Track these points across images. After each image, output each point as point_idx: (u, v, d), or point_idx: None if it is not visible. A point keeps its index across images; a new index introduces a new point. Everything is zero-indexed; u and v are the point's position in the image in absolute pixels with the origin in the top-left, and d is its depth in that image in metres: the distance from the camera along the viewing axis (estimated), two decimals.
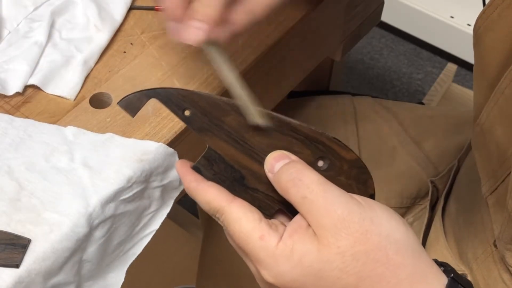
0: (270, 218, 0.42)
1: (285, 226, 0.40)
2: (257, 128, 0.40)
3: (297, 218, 0.39)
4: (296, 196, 0.38)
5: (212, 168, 0.41)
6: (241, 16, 0.44)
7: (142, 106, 0.40)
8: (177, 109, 0.40)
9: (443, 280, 0.38)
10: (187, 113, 0.40)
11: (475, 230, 0.60)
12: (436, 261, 0.40)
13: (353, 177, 0.41)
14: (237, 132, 0.41)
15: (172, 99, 0.40)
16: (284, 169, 0.39)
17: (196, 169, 0.41)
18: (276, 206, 0.42)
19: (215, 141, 0.41)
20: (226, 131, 0.41)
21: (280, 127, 0.41)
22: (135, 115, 0.40)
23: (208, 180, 0.41)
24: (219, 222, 0.41)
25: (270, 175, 0.41)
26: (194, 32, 0.42)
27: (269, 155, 0.41)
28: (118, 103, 0.40)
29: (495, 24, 0.47)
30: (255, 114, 0.40)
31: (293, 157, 0.40)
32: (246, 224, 0.39)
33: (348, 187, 0.41)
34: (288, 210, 0.41)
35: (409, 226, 0.39)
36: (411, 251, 0.38)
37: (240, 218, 0.39)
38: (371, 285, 0.37)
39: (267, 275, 0.38)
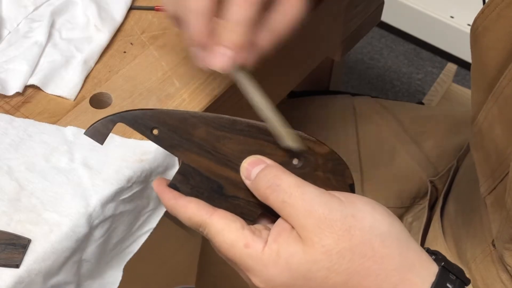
0: (253, 223, 0.42)
1: (269, 230, 0.40)
2: (226, 137, 0.40)
3: (280, 221, 0.39)
4: (275, 201, 0.38)
5: (189, 182, 0.41)
6: (266, 38, 0.43)
7: (109, 133, 0.40)
8: (145, 130, 0.40)
9: (434, 268, 0.38)
10: (155, 132, 0.40)
11: (473, 230, 0.60)
12: (428, 250, 0.40)
13: (329, 170, 0.41)
14: (208, 143, 0.41)
15: (138, 120, 0.40)
16: (261, 175, 0.39)
17: (173, 186, 0.41)
18: (258, 211, 0.42)
19: (188, 155, 0.41)
20: (197, 143, 0.41)
21: (250, 131, 0.41)
22: (103, 142, 0.40)
23: (187, 195, 0.41)
24: (203, 235, 0.41)
25: (247, 182, 0.40)
26: (221, 58, 0.41)
27: (244, 161, 0.41)
28: (84, 132, 0.40)
29: (494, 24, 0.47)
30: (287, 137, 0.40)
31: (268, 161, 0.40)
32: (229, 235, 0.39)
33: (326, 181, 0.41)
34: (270, 213, 0.41)
35: (394, 216, 0.39)
36: (398, 241, 0.38)
37: (223, 229, 0.39)
38: (360, 281, 0.37)
39: (258, 282, 0.38)
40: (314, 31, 0.66)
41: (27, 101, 0.54)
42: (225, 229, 0.39)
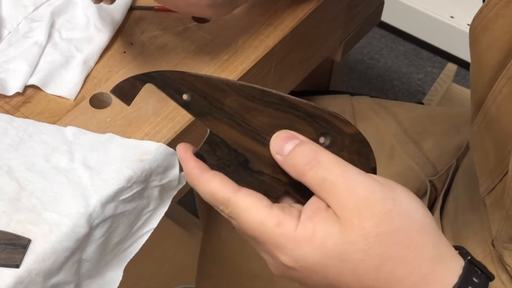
0: (276, 202, 0.40)
1: (294, 208, 0.39)
2: (258, 108, 0.39)
3: (313, 200, 0.38)
4: (314, 178, 0.37)
5: (216, 153, 0.39)
6: None
7: (137, 93, 0.37)
8: (174, 94, 0.38)
9: (460, 262, 0.38)
10: (185, 97, 0.38)
11: (473, 229, 0.61)
12: (453, 245, 0.40)
13: (355, 151, 0.40)
14: (238, 113, 0.39)
15: (169, 83, 0.38)
16: (298, 151, 0.38)
17: (199, 156, 0.39)
18: (283, 188, 0.40)
19: (217, 124, 0.39)
20: (227, 113, 0.39)
21: (281, 104, 0.39)
22: (130, 102, 0.38)
23: (213, 166, 0.39)
24: (223, 214, 0.39)
25: (278, 157, 0.39)
26: None
27: (275, 135, 0.39)
28: (111, 91, 0.37)
29: (492, 23, 0.47)
30: None
31: (302, 137, 0.39)
32: (258, 213, 0.37)
33: (351, 162, 0.39)
34: (295, 192, 0.40)
35: (427, 208, 0.39)
36: (432, 232, 0.37)
37: (250, 207, 0.37)
38: (394, 267, 0.36)
39: (288, 260, 0.37)
40: (314, 31, 0.66)
41: (27, 101, 0.54)
42: (253, 208, 0.37)
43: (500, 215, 0.52)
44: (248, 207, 0.37)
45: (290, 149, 0.38)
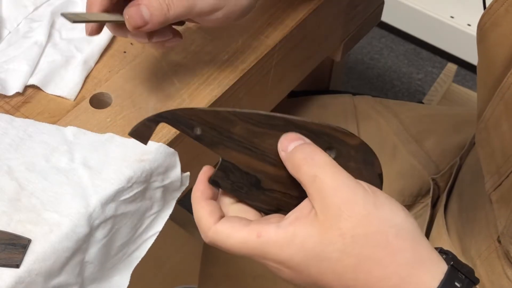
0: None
1: (274, 216, 0.41)
2: (265, 133, 0.42)
3: (300, 206, 0.40)
4: (307, 174, 0.39)
5: (229, 178, 0.42)
6: None
7: (152, 133, 0.41)
8: (186, 129, 0.41)
9: (444, 267, 0.38)
10: (196, 131, 0.41)
11: (478, 226, 0.61)
12: (441, 249, 0.40)
13: (361, 160, 0.42)
14: (247, 139, 0.42)
15: (180, 120, 0.41)
16: (298, 148, 0.40)
17: (213, 183, 0.42)
18: (294, 202, 0.43)
19: (228, 152, 0.42)
20: (237, 140, 0.42)
21: (286, 126, 0.42)
22: (147, 142, 0.41)
23: (228, 190, 0.43)
24: (206, 241, 0.42)
25: (282, 154, 0.41)
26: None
27: (283, 136, 0.41)
28: (129, 133, 0.41)
29: (502, 19, 0.47)
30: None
31: (307, 140, 0.41)
32: (238, 234, 0.40)
33: (357, 171, 0.42)
34: None
35: (409, 213, 0.40)
36: (411, 236, 0.38)
37: (231, 233, 0.40)
38: (370, 268, 0.37)
39: (275, 264, 0.39)
40: (314, 31, 0.66)
41: (27, 101, 0.54)
42: (233, 231, 0.40)
43: (508, 211, 0.52)
44: (229, 233, 0.40)
45: (293, 147, 0.41)
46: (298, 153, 0.40)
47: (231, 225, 0.40)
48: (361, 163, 0.42)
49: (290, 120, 0.41)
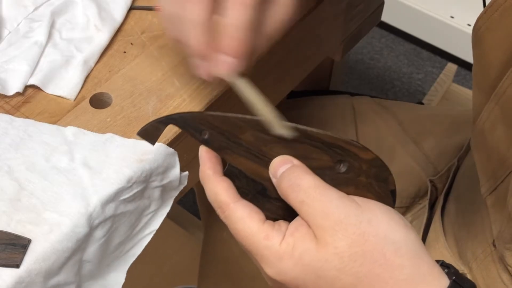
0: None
1: (284, 225, 0.40)
2: (274, 141, 0.41)
3: (299, 217, 0.40)
4: (295, 200, 0.39)
5: (235, 183, 0.42)
6: (261, 43, 0.44)
7: (160, 133, 0.41)
8: (195, 132, 0.41)
9: (445, 282, 0.38)
10: (205, 135, 0.41)
11: (474, 229, 0.61)
12: (443, 263, 0.40)
13: (372, 175, 0.42)
14: (255, 146, 0.41)
15: (189, 123, 0.41)
16: (284, 175, 0.40)
17: None
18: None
19: (235, 158, 0.41)
20: (245, 147, 0.41)
21: (297, 136, 0.41)
22: (155, 142, 0.42)
23: None
24: (221, 217, 0.41)
25: (274, 180, 0.41)
26: (223, 66, 0.42)
27: (273, 161, 0.41)
28: (137, 133, 0.41)
29: (496, 24, 0.47)
30: (278, 124, 0.41)
31: (295, 161, 0.41)
32: (250, 224, 0.39)
33: (368, 186, 0.41)
34: None
35: (411, 227, 0.40)
36: (411, 252, 0.38)
37: (245, 218, 0.40)
38: (369, 285, 0.37)
39: (271, 273, 0.39)
40: (314, 31, 0.66)
41: (27, 101, 0.54)
42: (248, 218, 0.40)
43: (502, 216, 0.52)
44: (243, 216, 0.40)
45: (281, 172, 0.40)
46: (284, 180, 0.40)
47: (249, 213, 0.40)
48: (373, 178, 0.42)
49: (300, 130, 0.41)
